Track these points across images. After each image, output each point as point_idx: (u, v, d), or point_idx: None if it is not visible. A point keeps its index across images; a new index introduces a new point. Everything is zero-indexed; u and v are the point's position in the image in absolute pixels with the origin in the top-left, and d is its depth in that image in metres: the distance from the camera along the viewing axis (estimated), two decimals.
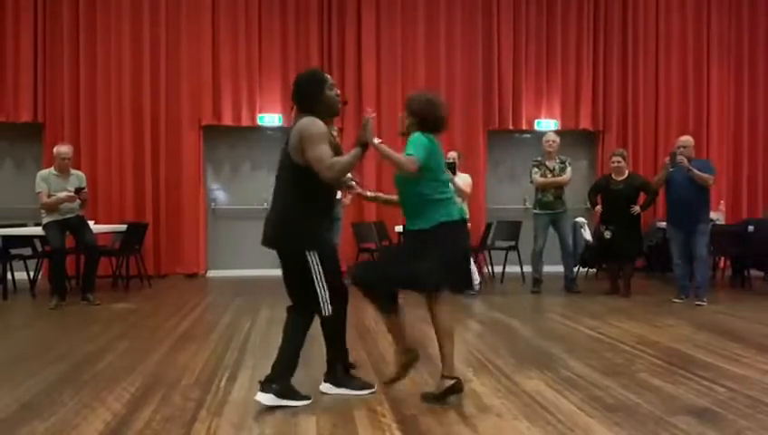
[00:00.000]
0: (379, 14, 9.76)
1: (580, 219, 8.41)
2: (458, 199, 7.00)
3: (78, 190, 6.86)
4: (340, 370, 3.74)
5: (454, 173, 6.90)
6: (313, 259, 3.43)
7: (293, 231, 3.46)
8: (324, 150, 3.34)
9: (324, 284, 3.46)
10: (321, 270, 3.44)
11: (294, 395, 3.48)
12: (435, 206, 3.52)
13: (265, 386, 3.45)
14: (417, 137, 3.51)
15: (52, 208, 6.82)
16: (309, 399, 3.52)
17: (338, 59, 9.68)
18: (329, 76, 3.64)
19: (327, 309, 3.49)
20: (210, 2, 9.49)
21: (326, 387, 3.71)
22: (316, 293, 3.46)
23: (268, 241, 3.54)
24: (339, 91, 3.63)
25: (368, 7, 9.70)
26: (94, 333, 5.47)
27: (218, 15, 9.52)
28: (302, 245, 3.45)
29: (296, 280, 3.55)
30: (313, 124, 3.41)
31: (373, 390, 3.70)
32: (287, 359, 3.51)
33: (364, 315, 6.21)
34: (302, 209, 3.45)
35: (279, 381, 3.46)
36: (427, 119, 3.58)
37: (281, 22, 9.63)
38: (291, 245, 3.49)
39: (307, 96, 3.54)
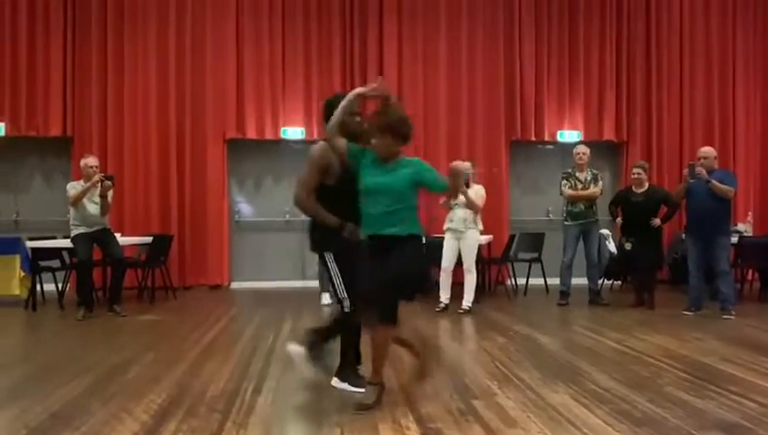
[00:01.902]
0: (401, 26, 9.80)
1: (604, 231, 8.34)
2: (468, 212, 7.01)
3: (106, 178, 6.96)
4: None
5: (467, 185, 6.83)
6: (329, 259, 3.86)
7: (313, 235, 3.96)
8: (308, 178, 3.82)
9: (341, 281, 3.82)
10: (337, 270, 3.83)
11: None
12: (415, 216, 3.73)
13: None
14: (422, 163, 3.71)
15: (82, 204, 6.89)
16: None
17: (360, 72, 9.72)
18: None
19: (346, 304, 3.82)
20: (234, 19, 9.62)
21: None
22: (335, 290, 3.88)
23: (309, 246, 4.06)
24: (359, 119, 3.84)
25: (389, 20, 9.74)
26: (121, 344, 5.55)
27: (242, 32, 9.64)
28: (321, 247, 3.91)
29: None
30: (315, 150, 3.86)
31: None
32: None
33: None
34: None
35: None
36: (407, 133, 3.64)
37: (303, 36, 9.71)
38: (313, 247, 3.99)
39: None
